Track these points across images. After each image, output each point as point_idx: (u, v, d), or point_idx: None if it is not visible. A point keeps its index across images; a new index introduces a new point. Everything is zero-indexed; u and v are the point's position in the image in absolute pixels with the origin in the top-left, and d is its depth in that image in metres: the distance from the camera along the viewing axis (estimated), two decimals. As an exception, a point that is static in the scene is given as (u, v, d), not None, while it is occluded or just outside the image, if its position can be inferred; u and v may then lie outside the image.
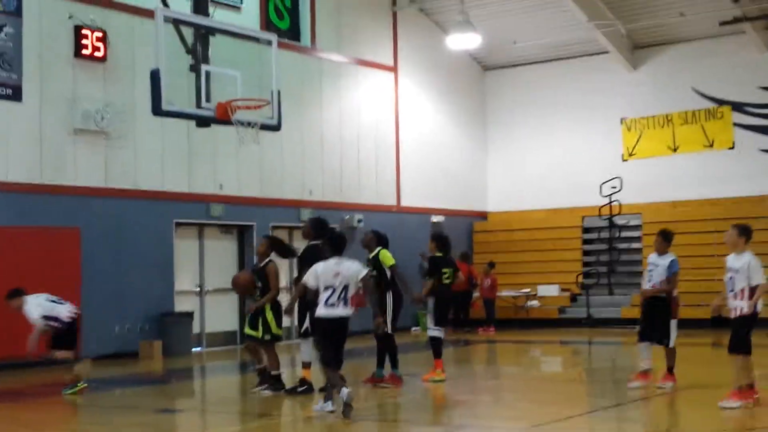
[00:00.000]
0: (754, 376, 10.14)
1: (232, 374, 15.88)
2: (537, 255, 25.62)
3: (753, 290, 9.96)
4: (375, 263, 12.34)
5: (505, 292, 24.56)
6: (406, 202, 24.70)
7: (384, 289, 12.27)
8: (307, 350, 11.73)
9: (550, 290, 24.74)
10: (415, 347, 19.11)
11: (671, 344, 11.55)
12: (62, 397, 12.15)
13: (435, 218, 25.40)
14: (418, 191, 25.09)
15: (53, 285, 16.50)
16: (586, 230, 25.67)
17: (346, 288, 9.99)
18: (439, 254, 13.17)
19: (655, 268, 11.55)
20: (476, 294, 23.78)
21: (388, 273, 12.39)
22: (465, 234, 26.42)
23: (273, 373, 11.79)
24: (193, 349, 18.57)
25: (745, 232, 10.02)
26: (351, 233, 22.98)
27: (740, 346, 9.95)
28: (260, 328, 11.64)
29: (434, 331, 12.86)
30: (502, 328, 23.16)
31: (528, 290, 24.76)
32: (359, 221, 22.82)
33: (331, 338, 10.04)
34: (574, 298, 24.75)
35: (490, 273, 23.73)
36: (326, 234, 11.38)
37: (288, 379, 12.38)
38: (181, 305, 18.78)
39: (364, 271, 10.19)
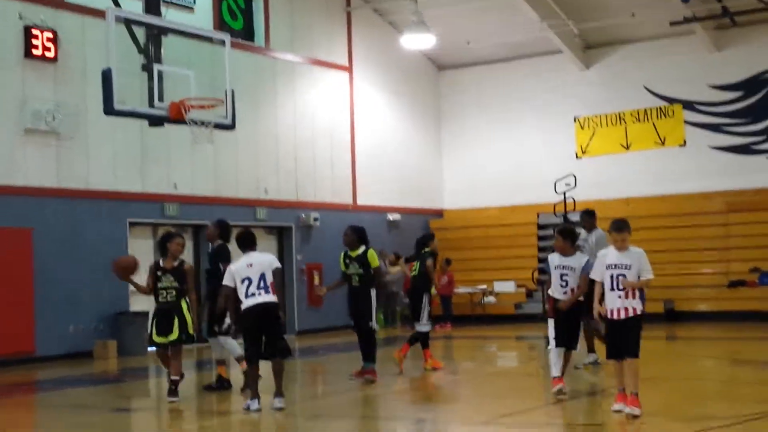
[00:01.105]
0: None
1: (187, 373, 15.81)
2: (493, 252, 25.81)
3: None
4: (362, 261, 12.39)
5: (461, 289, 24.69)
6: (362, 201, 24.74)
7: (369, 286, 12.41)
8: (219, 348, 11.93)
9: (506, 286, 24.92)
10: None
11: (578, 348, 10.82)
12: (13, 396, 12.05)
13: (391, 216, 25.47)
14: (374, 190, 25.15)
15: (5, 285, 16.42)
16: (541, 227, 25.86)
17: (263, 276, 10.06)
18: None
19: (571, 272, 10.39)
20: (433, 291, 23.84)
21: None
22: (421, 232, 26.44)
23: (173, 378, 11.21)
24: (149, 349, 18.43)
25: (629, 229, 9.20)
26: (307, 232, 23.01)
27: (638, 348, 9.16)
28: (176, 329, 11.02)
29: (426, 326, 13.66)
30: (458, 325, 23.29)
31: (484, 287, 24.92)
32: (315, 220, 22.85)
33: (258, 327, 10.05)
34: (529, 294, 24.93)
35: (447, 270, 23.85)
36: (228, 235, 12.03)
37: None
38: (136, 305, 18.65)
39: (277, 263, 10.31)
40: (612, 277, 9.14)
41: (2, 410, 11.63)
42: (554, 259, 10.61)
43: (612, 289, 9.16)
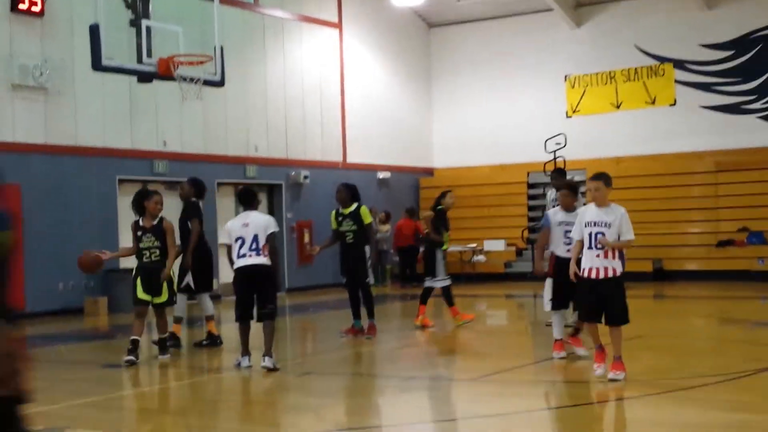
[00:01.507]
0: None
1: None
2: (483, 210, 25.83)
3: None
4: (355, 218, 12.44)
5: (451, 248, 24.64)
6: (352, 159, 24.69)
7: (362, 242, 12.50)
8: (207, 304, 12.18)
9: (495, 245, 24.97)
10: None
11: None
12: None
13: (381, 174, 25.44)
14: (364, 148, 25.09)
15: (-6, 243, 16.35)
16: (531, 186, 25.89)
17: (256, 238, 9.97)
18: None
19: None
20: (422, 249, 23.90)
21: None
22: (411, 190, 26.51)
23: (161, 336, 11.22)
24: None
25: (610, 183, 8.81)
26: (297, 189, 22.97)
27: (626, 314, 8.78)
28: (165, 291, 10.90)
29: (439, 282, 13.70)
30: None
31: (474, 245, 24.97)
32: (305, 178, 22.80)
33: (246, 288, 10.05)
34: (519, 253, 25.01)
35: (435, 229, 23.86)
36: (202, 193, 12.31)
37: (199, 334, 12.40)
38: (127, 262, 18.58)
39: (273, 227, 10.11)
40: (591, 234, 8.74)
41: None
42: (558, 215, 10.29)
43: (590, 247, 8.74)
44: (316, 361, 11.60)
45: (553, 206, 11.27)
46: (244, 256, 9.99)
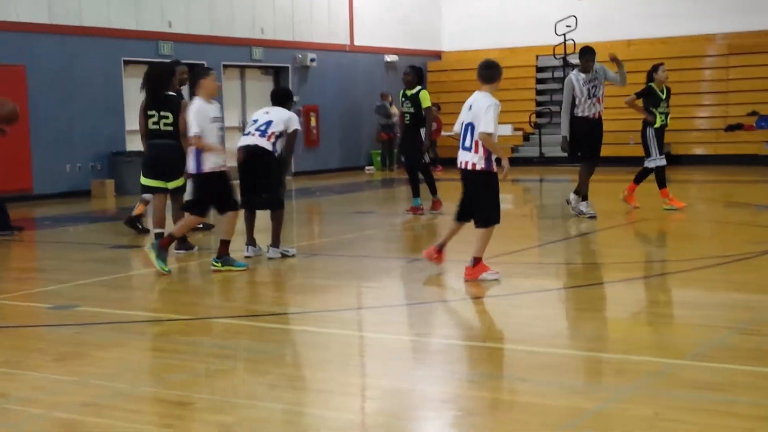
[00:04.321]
0: None
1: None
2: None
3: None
4: (414, 101, 12.83)
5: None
6: (359, 42, 24.39)
7: (419, 125, 12.94)
8: None
9: (503, 129, 24.81)
10: (369, 185, 19.26)
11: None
12: (10, 233, 12.16)
13: (389, 58, 25.17)
14: (372, 30, 24.75)
15: None
16: (540, 69, 25.62)
17: (269, 123, 9.49)
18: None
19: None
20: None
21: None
22: (419, 74, 26.24)
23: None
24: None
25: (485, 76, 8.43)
26: (304, 72, 22.78)
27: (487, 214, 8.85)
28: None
29: (653, 162, 13.17)
30: (453, 167, 23.30)
31: (481, 130, 24.84)
32: (312, 60, 22.59)
33: (245, 171, 9.58)
34: (526, 137, 24.93)
35: (437, 115, 23.73)
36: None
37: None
38: (133, 145, 18.63)
39: (295, 125, 9.61)
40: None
41: (4, 245, 11.77)
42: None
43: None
44: (323, 243, 11.69)
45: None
46: (248, 134, 9.57)
